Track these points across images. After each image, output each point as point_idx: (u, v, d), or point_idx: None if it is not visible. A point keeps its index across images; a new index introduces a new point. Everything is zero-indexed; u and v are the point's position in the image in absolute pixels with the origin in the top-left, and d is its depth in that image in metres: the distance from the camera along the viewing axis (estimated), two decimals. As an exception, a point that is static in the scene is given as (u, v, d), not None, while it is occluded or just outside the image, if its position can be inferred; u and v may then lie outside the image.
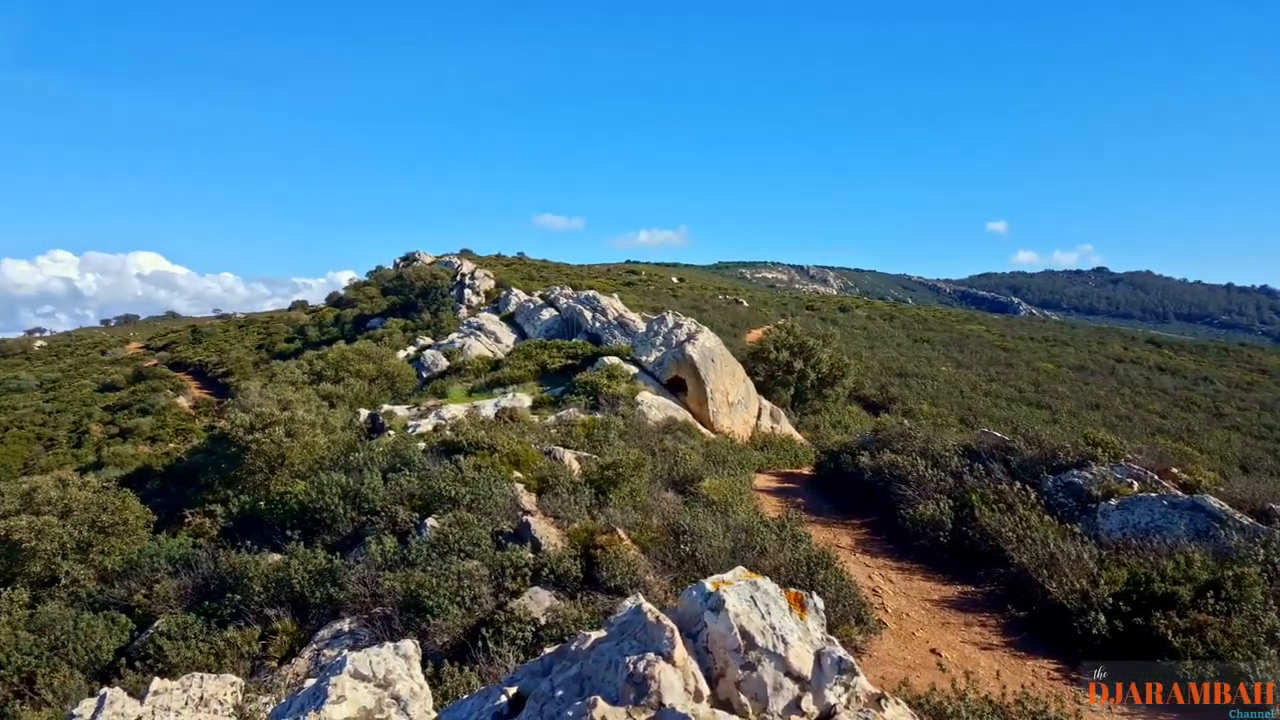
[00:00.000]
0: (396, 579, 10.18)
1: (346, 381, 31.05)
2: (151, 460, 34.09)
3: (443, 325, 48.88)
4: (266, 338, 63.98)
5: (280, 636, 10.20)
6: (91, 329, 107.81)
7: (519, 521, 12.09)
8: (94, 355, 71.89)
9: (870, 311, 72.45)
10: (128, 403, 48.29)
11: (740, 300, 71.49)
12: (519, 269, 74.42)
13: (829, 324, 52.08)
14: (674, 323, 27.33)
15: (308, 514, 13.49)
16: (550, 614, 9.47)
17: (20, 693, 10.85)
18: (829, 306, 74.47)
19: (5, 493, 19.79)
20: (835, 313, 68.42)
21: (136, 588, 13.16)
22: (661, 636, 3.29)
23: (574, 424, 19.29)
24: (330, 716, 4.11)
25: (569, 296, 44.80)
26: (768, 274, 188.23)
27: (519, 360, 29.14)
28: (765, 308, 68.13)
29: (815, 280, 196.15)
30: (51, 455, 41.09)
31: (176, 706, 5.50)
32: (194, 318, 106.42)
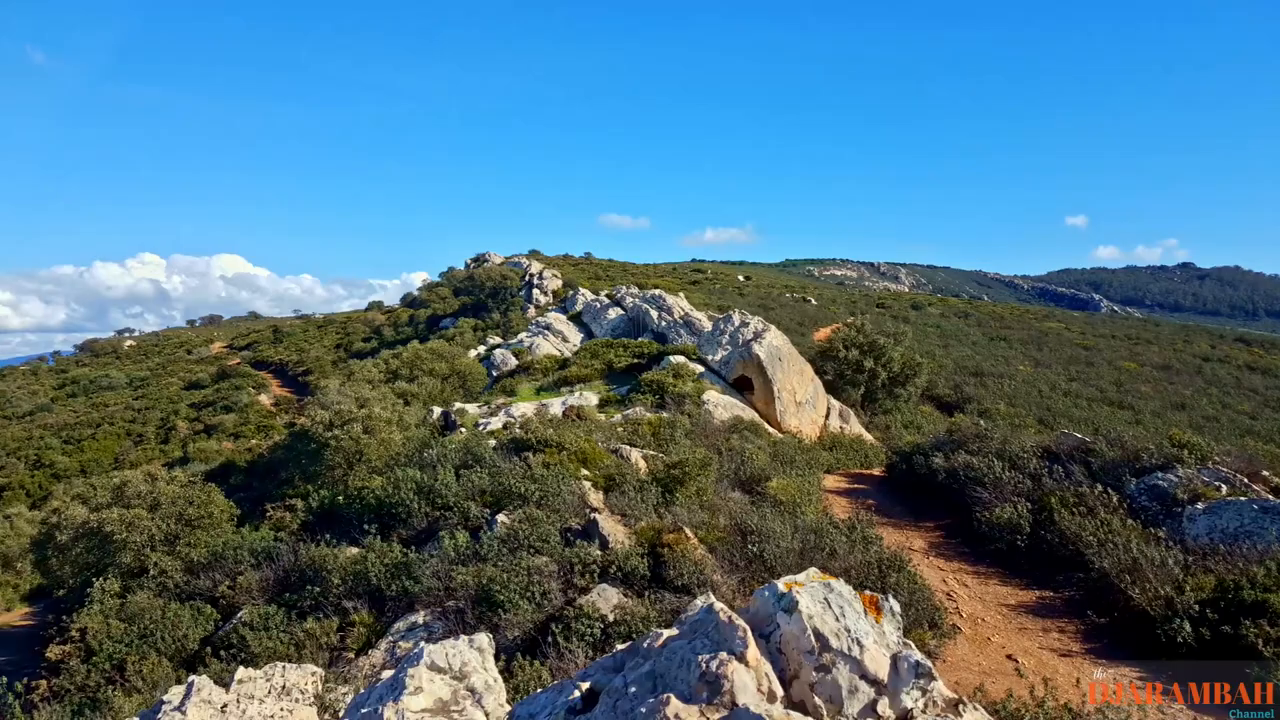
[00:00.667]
0: (469, 573, 10.38)
1: (420, 380, 31.77)
2: (235, 456, 35.43)
3: (512, 325, 49.55)
4: (344, 337, 65.80)
5: (357, 628, 10.50)
6: (178, 329, 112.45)
7: (587, 519, 12.19)
8: (180, 354, 75.02)
9: (944, 309, 70.84)
10: (212, 400, 50.23)
11: (808, 298, 70.65)
12: (586, 269, 74.93)
13: (901, 322, 51.12)
14: (740, 321, 27.17)
15: (384, 509, 13.85)
16: (618, 611, 9.53)
17: (112, 679, 11.36)
18: (901, 304, 73.03)
19: (98, 486, 20.86)
20: (907, 310, 67.07)
21: (221, 579, 13.69)
22: (734, 636, 3.29)
23: (640, 423, 19.34)
24: (408, 707, 4.22)
25: (635, 296, 44.95)
26: (836, 271, 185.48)
27: (586, 359, 29.34)
28: (834, 306, 67.19)
29: (886, 277, 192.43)
30: (140, 451, 43.00)
31: (260, 695, 5.72)
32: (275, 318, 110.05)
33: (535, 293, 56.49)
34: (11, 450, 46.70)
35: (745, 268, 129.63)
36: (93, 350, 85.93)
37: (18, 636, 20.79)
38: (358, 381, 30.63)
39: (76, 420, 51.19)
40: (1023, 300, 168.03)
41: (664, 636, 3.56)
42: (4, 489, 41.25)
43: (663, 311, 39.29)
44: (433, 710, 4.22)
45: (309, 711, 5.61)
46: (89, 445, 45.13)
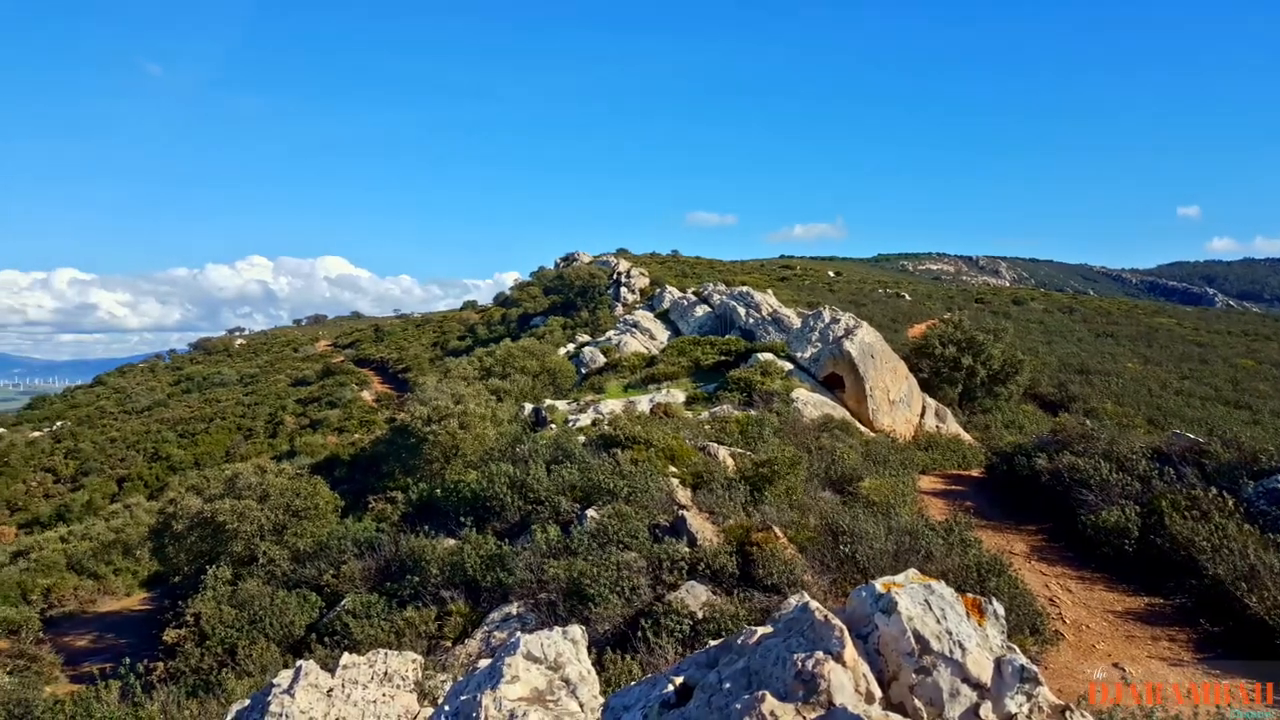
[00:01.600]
0: (560, 567, 10.56)
1: (512, 377, 32.42)
2: (339, 449, 36.86)
3: (600, 323, 50.03)
4: (441, 336, 67.62)
5: (454, 618, 10.80)
6: (285, 328, 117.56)
7: (675, 516, 12.23)
8: (287, 353, 78.47)
9: (1047, 304, 68.02)
10: (317, 396, 52.37)
11: (902, 294, 68.95)
12: (673, 266, 74.99)
13: (1001, 318, 49.41)
14: (830, 318, 26.74)
15: (479, 502, 14.21)
16: (707, 609, 9.53)
17: (224, 662, 11.98)
18: (1001, 299, 70.50)
19: (211, 478, 22.03)
20: (1008, 305, 64.71)
21: (325, 568, 14.28)
22: (830, 636, 3.25)
23: (728, 420, 19.27)
24: (506, 695, 4.33)
25: (722, 293, 44.76)
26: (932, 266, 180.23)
27: (673, 357, 29.38)
28: (929, 301, 65.40)
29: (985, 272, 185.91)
30: (250, 444, 45.19)
31: (363, 680, 5.95)
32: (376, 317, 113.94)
33: (623, 291, 56.89)
34: (131, 443, 49.77)
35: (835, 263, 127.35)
36: (205, 348, 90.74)
37: (137, 620, 22.13)
38: (453, 378, 31.47)
39: (191, 415, 54.18)
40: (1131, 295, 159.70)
41: (758, 634, 3.55)
42: (124, 480, 43.99)
43: (750, 308, 39.01)
44: (529, 699, 4.32)
45: (410, 698, 5.82)
46: (203, 439, 47.68)
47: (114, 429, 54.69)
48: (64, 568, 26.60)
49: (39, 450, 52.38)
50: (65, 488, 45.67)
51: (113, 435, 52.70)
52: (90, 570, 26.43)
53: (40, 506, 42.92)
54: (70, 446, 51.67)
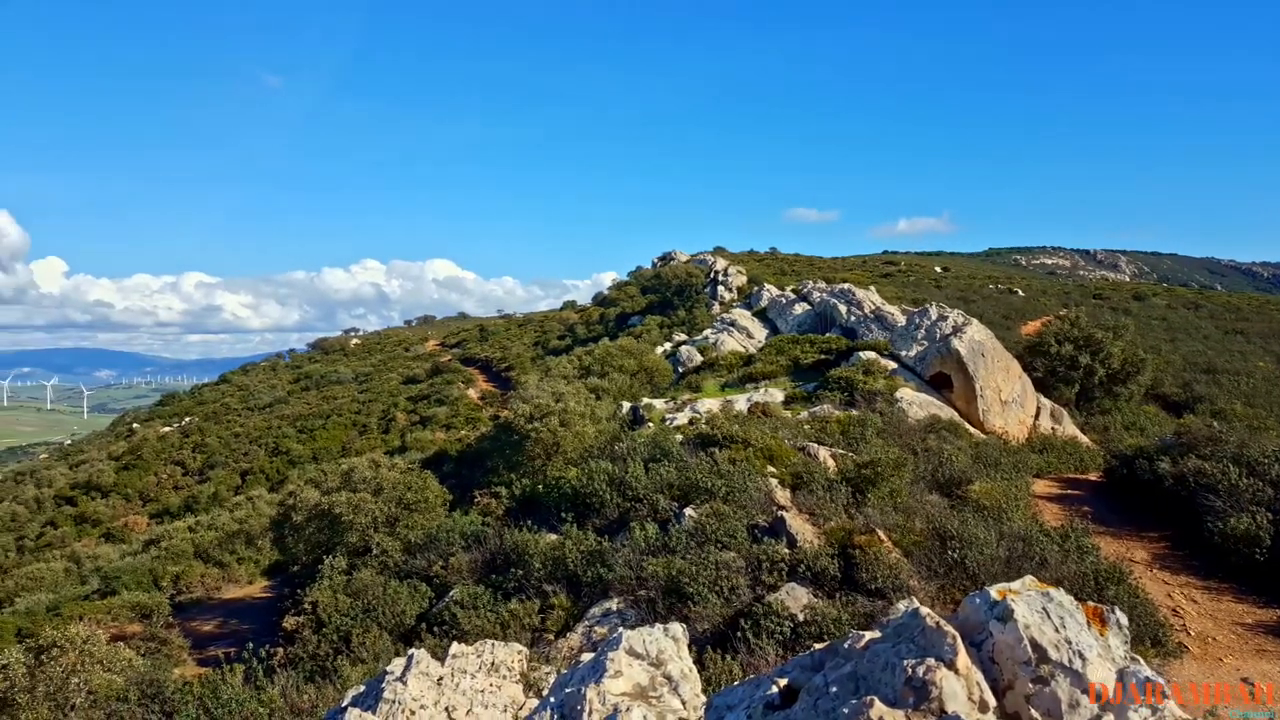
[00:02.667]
0: (659, 564, 10.61)
1: (610, 376, 32.74)
2: (446, 445, 38.00)
3: (697, 322, 49.95)
4: (542, 335, 68.89)
5: (556, 611, 11.00)
6: (396, 328, 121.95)
7: (773, 516, 12.12)
8: (398, 352, 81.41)
9: (1170, 299, 64.14)
10: (427, 394, 54.13)
11: (1014, 289, 66.26)
12: (771, 264, 74.18)
13: (1121, 314, 46.88)
14: (938, 315, 25.96)
15: (579, 498, 14.43)
16: (808, 611, 9.41)
17: (339, 649, 12.51)
18: (1120, 295, 66.86)
19: (328, 472, 23.05)
20: (1128, 301, 61.33)
21: (435, 559, 14.75)
22: (942, 642, 3.16)
23: (828, 420, 18.97)
24: (609, 690, 4.38)
25: (822, 290, 44.03)
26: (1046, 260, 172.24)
27: (771, 355, 29.10)
28: (1044, 297, 62.62)
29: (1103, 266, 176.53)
30: (364, 440, 47.06)
31: (471, 670, 6.13)
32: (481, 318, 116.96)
33: (720, 289, 56.63)
34: (254, 439, 52.60)
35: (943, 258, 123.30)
36: (322, 348, 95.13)
37: (258, 607, 23.34)
38: (554, 377, 32.03)
39: (309, 411, 56.85)
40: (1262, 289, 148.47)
41: (866, 639, 3.48)
42: (247, 473, 46.51)
43: (852, 306, 38.25)
44: (632, 694, 4.35)
45: (515, 689, 5.96)
46: (320, 434, 49.98)
47: (238, 425, 57.92)
48: (191, 556, 28.32)
49: (169, 445, 56.01)
50: (193, 480, 48.67)
51: (236, 430, 55.82)
52: (216, 559, 28.05)
53: (170, 498, 45.87)
54: (197, 441, 55.03)
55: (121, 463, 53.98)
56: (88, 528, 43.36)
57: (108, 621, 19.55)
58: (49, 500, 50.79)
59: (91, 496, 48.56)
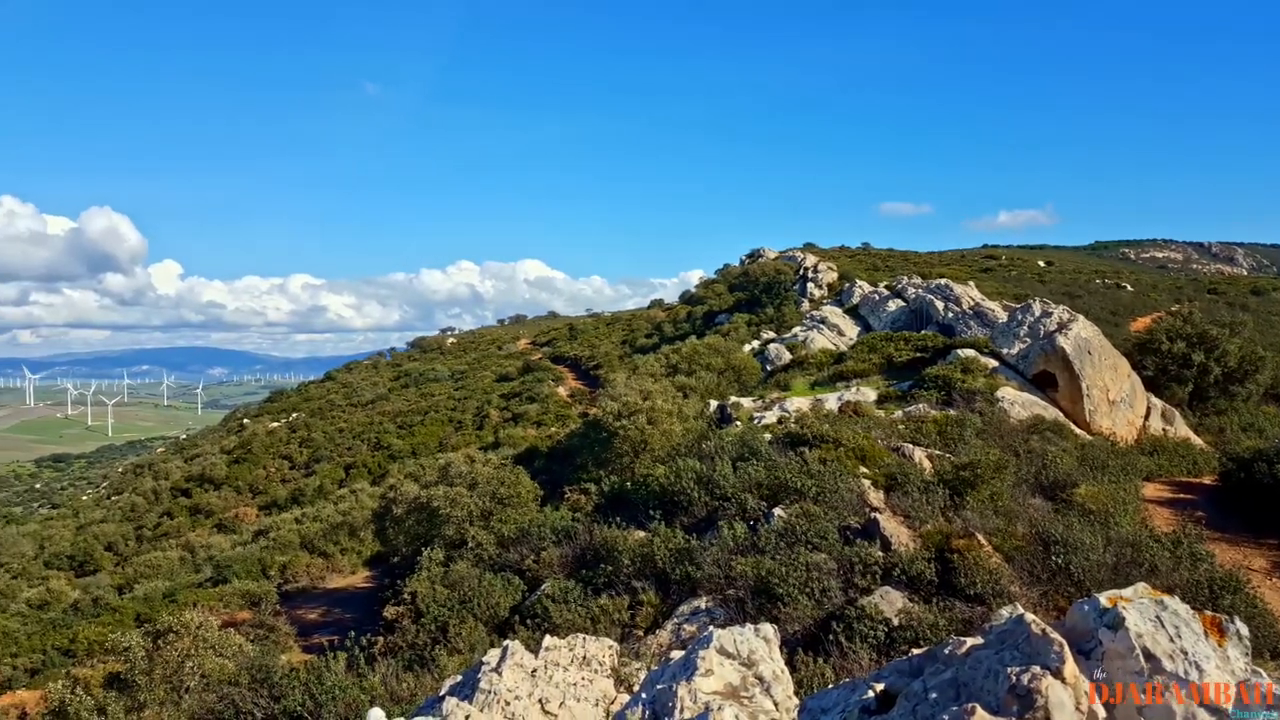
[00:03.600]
0: (748, 564, 10.55)
1: (698, 374, 32.69)
2: (537, 442, 38.67)
3: (786, 319, 49.37)
4: (629, 334, 69.34)
5: (645, 608, 11.06)
6: (489, 327, 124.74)
7: (866, 518, 11.91)
8: (492, 350, 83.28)
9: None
10: (518, 391, 55.18)
11: (1122, 284, 63.19)
12: (863, 260, 72.62)
13: (1238, 310, 44.14)
14: (1041, 311, 24.98)
15: (667, 496, 14.46)
16: (903, 615, 9.22)
17: (436, 639, 12.86)
18: (1237, 289, 62.92)
19: (426, 467, 23.76)
20: (1246, 296, 57.67)
21: (527, 553, 15.02)
22: (1048, 650, 3.04)
23: (924, 420, 18.52)
24: (700, 688, 4.38)
25: (917, 286, 42.90)
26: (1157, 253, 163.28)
27: (863, 353, 28.52)
28: (1154, 292, 59.53)
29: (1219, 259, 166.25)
30: (460, 435, 48.26)
31: (564, 663, 6.22)
32: (570, 316, 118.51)
33: (809, 286, 55.80)
34: (357, 434, 54.63)
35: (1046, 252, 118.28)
36: (421, 346, 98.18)
37: (360, 596, 24.23)
38: (641, 375, 32.17)
39: (408, 408, 58.70)
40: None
41: (967, 645, 3.38)
42: (350, 467, 48.32)
43: (949, 302, 37.17)
44: (724, 694, 4.34)
45: (607, 683, 6.02)
46: (419, 430, 51.53)
47: (341, 420, 60.27)
48: (298, 546, 29.63)
49: (277, 439, 58.74)
50: (299, 473, 50.90)
51: (340, 426, 58.10)
52: (320, 549, 29.27)
53: (278, 490, 48.08)
54: (304, 436, 57.53)
55: (233, 456, 56.94)
56: (201, 518, 45.94)
57: (219, 608, 20.63)
58: (165, 492, 54.03)
59: (205, 489, 51.40)
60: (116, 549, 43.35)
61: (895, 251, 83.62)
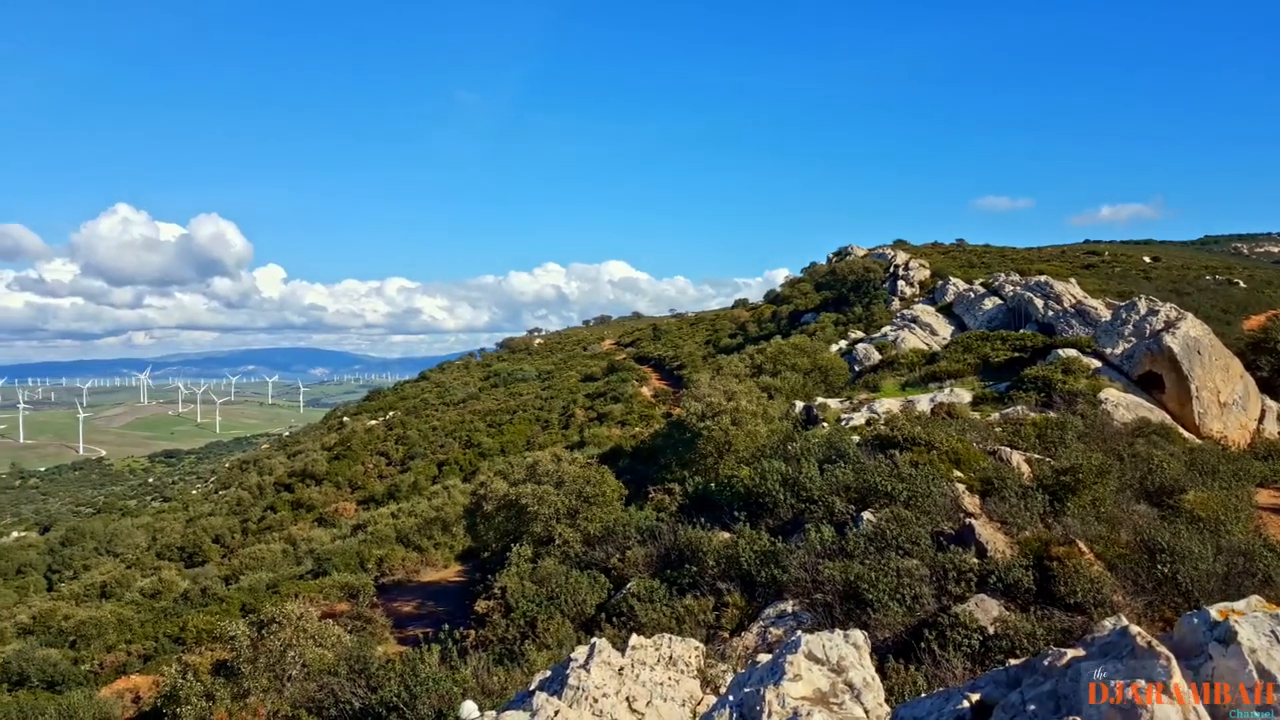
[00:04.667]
0: (836, 568, 10.41)
1: (783, 375, 32.36)
2: (622, 441, 38.95)
3: (875, 318, 48.40)
4: (713, 334, 69.15)
5: (731, 609, 11.04)
6: (575, 328, 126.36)
7: (960, 523, 11.61)
8: (577, 351, 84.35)
9: None
10: (603, 391, 55.68)
11: (1234, 280, 59.67)
12: (957, 257, 70.50)
13: (1368, 305, 41.21)
14: (1146, 309, 23.86)
15: (751, 497, 14.38)
16: (999, 624, 8.96)
17: (525, 634, 13.10)
18: (1366, 284, 58.66)
19: (514, 465, 24.22)
20: (1375, 292, 53.75)
21: (612, 552, 15.17)
22: (1154, 664, 2.93)
23: (1022, 422, 17.95)
24: (788, 693, 4.37)
25: (1015, 284, 41.49)
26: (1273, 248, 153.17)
27: (957, 353, 27.80)
28: (1270, 289, 56.08)
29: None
30: (546, 434, 48.97)
31: (650, 662, 6.28)
32: (653, 317, 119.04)
33: (900, 284, 54.54)
34: (449, 432, 56.04)
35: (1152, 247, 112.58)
36: (509, 347, 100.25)
37: (452, 590, 24.84)
38: (725, 376, 32.03)
39: (497, 407, 59.92)
40: None
41: (1067, 656, 3.27)
42: (443, 464, 49.56)
43: (1049, 300, 35.85)
44: (812, 699, 4.32)
45: (693, 683, 6.05)
46: (507, 428, 52.54)
47: (435, 418, 61.96)
48: (393, 541, 30.58)
49: (375, 437, 60.77)
50: (395, 470, 52.51)
51: (434, 424, 59.73)
52: (415, 543, 30.13)
53: (375, 486, 49.71)
54: (400, 434, 59.34)
55: (333, 453, 59.21)
56: (303, 512, 47.88)
57: (319, 600, 21.42)
58: (269, 486, 56.56)
59: (306, 484, 53.59)
60: (223, 541, 45.64)
61: (991, 247, 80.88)
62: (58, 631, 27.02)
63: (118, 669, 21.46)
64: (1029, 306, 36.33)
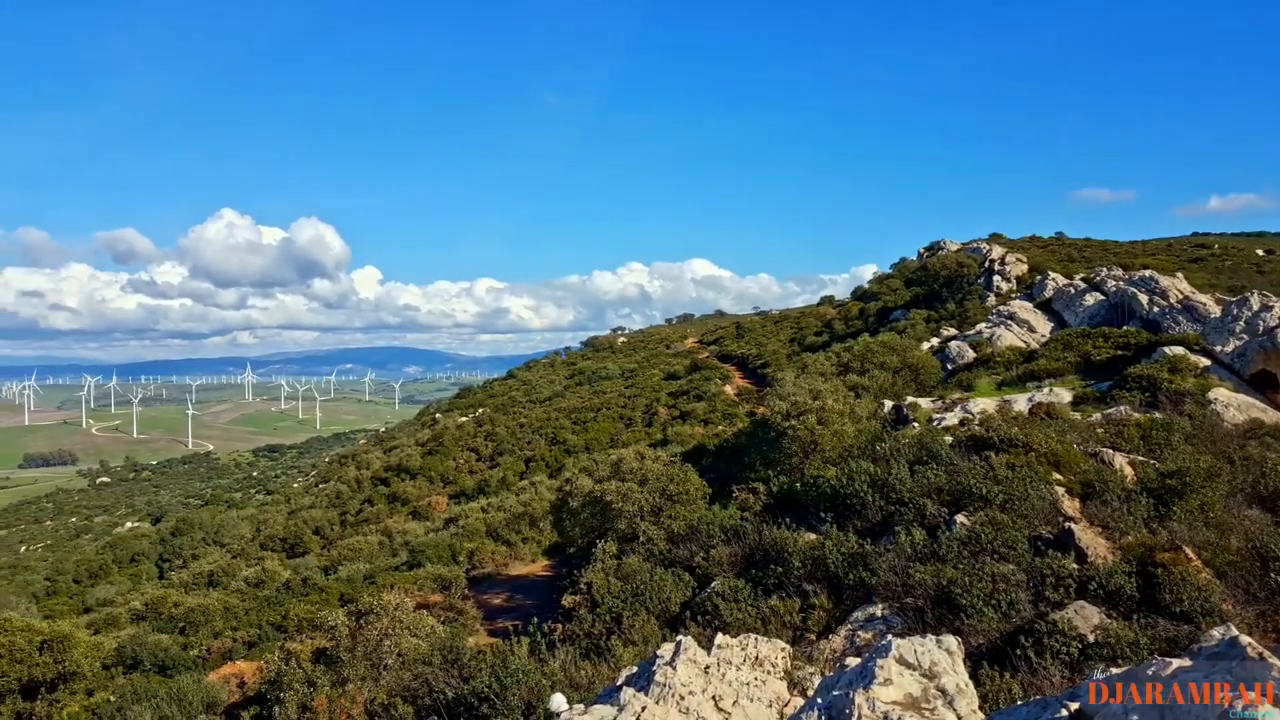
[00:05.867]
0: (927, 572, 10.21)
1: (871, 373, 31.74)
2: (705, 440, 38.95)
3: (969, 315, 47.00)
4: (798, 332, 68.39)
5: (818, 612, 10.94)
6: (658, 326, 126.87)
7: (1059, 527, 11.25)
8: (660, 349, 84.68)
9: None
10: (686, 390, 55.75)
11: (1365, 273, 55.63)
12: (1056, 250, 67.82)
13: None
14: (1260, 305, 22.60)
15: (838, 498, 14.20)
16: (1099, 632, 8.65)
17: (611, 630, 13.24)
18: None
19: (599, 462, 24.48)
20: None
21: (696, 550, 15.19)
22: (1266, 675, 2.80)
23: (1125, 423, 17.27)
24: (879, 697, 4.33)
25: (1118, 278, 39.73)
26: None
27: (1056, 351, 26.91)
28: (1406, 281, 51.99)
29: None
30: (630, 432, 49.35)
31: (736, 662, 6.30)
32: (737, 315, 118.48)
33: (995, 279, 52.77)
34: (535, 429, 57.03)
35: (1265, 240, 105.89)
36: (594, 346, 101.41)
37: (540, 584, 25.29)
38: (811, 374, 31.63)
39: (582, 405, 60.69)
40: None
41: (1172, 666, 3.17)
42: (530, 460, 50.49)
43: (1154, 295, 34.21)
44: (903, 704, 4.27)
45: (780, 685, 6.05)
46: (592, 426, 53.16)
47: (522, 416, 63.16)
48: (483, 534, 31.34)
49: (465, 433, 62.31)
50: (485, 465, 53.76)
51: (521, 421, 60.88)
52: (504, 537, 30.82)
53: (465, 481, 50.99)
54: (489, 430, 60.69)
55: (426, 448, 61.00)
56: (398, 505, 49.49)
57: (414, 591, 22.12)
58: (367, 481, 58.65)
59: (401, 478, 55.38)
60: (323, 533, 47.57)
61: (1092, 241, 77.48)
62: (168, 618, 28.61)
63: (224, 655, 22.47)
64: (1133, 302, 34.78)
